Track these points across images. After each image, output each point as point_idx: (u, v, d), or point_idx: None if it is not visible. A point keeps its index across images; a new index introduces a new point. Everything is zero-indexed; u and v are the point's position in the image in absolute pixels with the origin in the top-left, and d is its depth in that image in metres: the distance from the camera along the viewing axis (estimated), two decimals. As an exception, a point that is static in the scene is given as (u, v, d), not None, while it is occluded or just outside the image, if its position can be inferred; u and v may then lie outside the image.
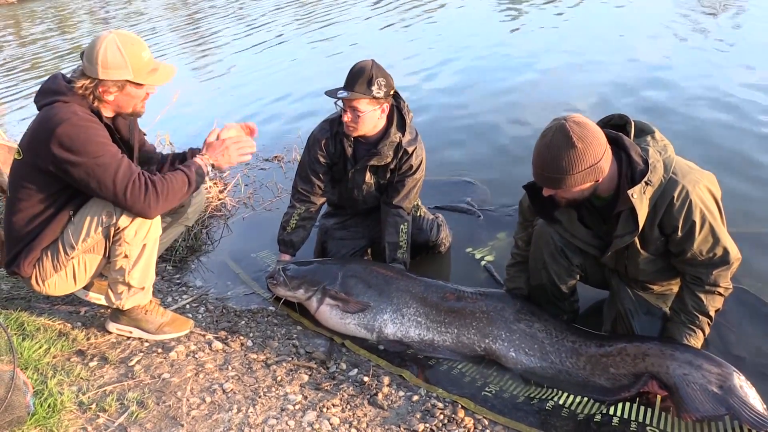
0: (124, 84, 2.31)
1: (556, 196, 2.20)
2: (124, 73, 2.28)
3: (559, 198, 2.22)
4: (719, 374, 2.13)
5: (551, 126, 2.07)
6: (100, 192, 2.27)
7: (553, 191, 2.16)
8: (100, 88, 2.30)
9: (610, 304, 2.56)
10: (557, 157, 2.04)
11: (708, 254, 2.16)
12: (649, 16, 7.94)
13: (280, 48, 9.26)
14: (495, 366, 2.51)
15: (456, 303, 2.66)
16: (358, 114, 2.81)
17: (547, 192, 2.18)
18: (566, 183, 2.08)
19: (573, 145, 2.01)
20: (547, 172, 2.09)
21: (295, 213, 3.14)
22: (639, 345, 2.29)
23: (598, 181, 2.11)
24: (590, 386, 2.32)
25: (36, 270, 2.42)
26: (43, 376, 2.31)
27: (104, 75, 2.27)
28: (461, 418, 2.20)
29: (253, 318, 2.92)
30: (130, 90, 2.33)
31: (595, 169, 2.06)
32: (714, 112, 4.74)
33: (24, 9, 19.18)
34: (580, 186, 2.10)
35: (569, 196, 2.17)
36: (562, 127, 2.03)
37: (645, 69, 5.87)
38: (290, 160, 4.77)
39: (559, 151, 2.03)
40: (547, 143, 2.06)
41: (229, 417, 2.20)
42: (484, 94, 5.82)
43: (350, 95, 2.76)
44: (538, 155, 2.10)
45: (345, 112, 2.84)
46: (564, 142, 2.02)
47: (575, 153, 2.01)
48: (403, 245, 3.08)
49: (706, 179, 2.15)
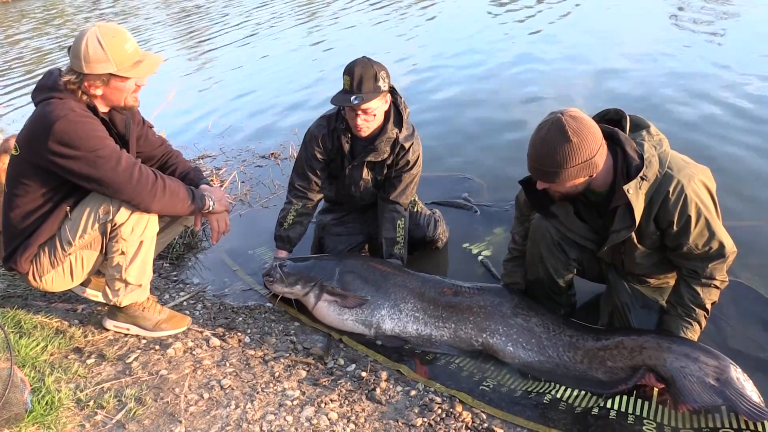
0: (108, 78, 2.28)
1: (550, 189, 2.20)
2: (107, 66, 2.26)
3: (552, 192, 2.22)
4: (716, 366, 2.13)
5: (547, 119, 2.07)
6: (104, 182, 2.25)
7: (547, 185, 2.16)
8: (85, 83, 2.28)
9: (607, 297, 2.56)
10: (552, 151, 2.04)
11: (704, 248, 2.16)
12: (647, 11, 7.96)
13: (275, 44, 9.24)
14: (493, 360, 2.51)
15: (453, 298, 2.66)
16: (373, 114, 2.80)
17: (541, 185, 2.18)
18: (560, 177, 2.08)
19: (568, 139, 2.01)
20: (541, 165, 2.09)
21: (292, 209, 3.13)
22: (636, 338, 2.29)
23: (592, 176, 2.12)
24: (588, 380, 2.32)
25: (33, 266, 2.42)
26: (41, 373, 2.31)
27: (88, 69, 2.25)
28: (459, 412, 2.20)
29: (250, 314, 2.92)
30: (116, 84, 2.31)
31: (590, 164, 2.06)
32: (710, 106, 4.76)
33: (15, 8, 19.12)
34: (574, 180, 2.10)
35: (563, 190, 2.17)
36: (558, 121, 2.03)
37: (647, 65, 5.89)
38: (287, 156, 4.77)
39: (555, 144, 2.03)
40: (542, 137, 2.07)
41: (227, 413, 2.20)
42: (481, 90, 5.83)
43: (365, 99, 2.71)
44: (533, 148, 2.10)
45: (356, 116, 2.79)
46: (559, 136, 2.02)
47: (570, 147, 2.01)
48: (400, 241, 3.08)
49: (701, 173, 2.15)
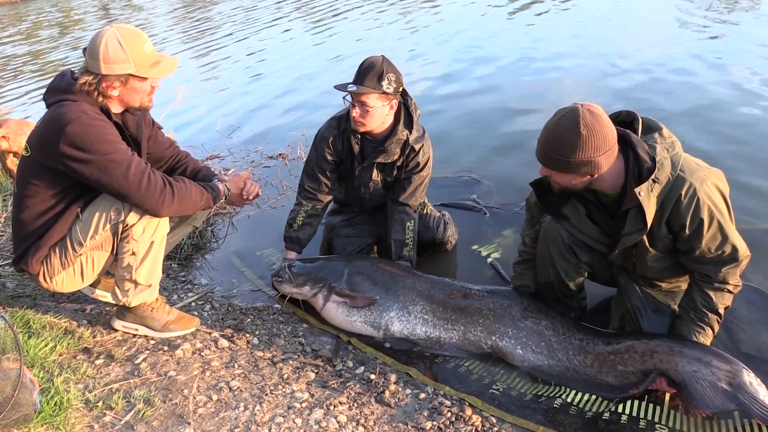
0: (127, 78, 2.30)
1: (551, 179, 2.21)
2: (127, 67, 2.27)
3: (553, 183, 2.23)
4: (728, 371, 2.11)
5: (566, 107, 2.07)
6: (114, 187, 2.27)
7: (548, 172, 2.17)
8: (103, 84, 2.29)
9: (618, 301, 2.54)
10: (559, 138, 2.04)
11: (716, 252, 2.14)
12: (661, 9, 7.93)
13: (285, 44, 9.26)
14: (502, 364, 2.50)
15: (462, 300, 2.64)
16: (367, 109, 2.79)
17: (543, 171, 2.18)
18: (560, 166, 2.08)
19: (578, 131, 2.00)
20: (546, 149, 2.10)
21: (302, 210, 3.13)
22: (647, 342, 2.27)
23: (593, 176, 2.11)
24: (598, 384, 2.31)
25: (44, 267, 2.42)
26: (50, 374, 2.31)
27: (107, 70, 2.26)
28: (469, 416, 2.19)
29: (258, 316, 2.92)
30: (134, 84, 2.32)
31: (592, 162, 2.04)
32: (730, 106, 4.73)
33: (29, 6, 19.22)
34: (572, 174, 2.10)
35: (561, 181, 2.17)
36: (574, 110, 2.03)
37: (662, 65, 5.86)
38: (295, 157, 4.77)
39: (563, 132, 2.03)
40: (555, 122, 2.07)
41: (236, 415, 2.20)
42: (492, 91, 5.82)
43: (360, 89, 2.74)
44: (544, 131, 2.11)
45: (354, 107, 2.82)
46: (571, 126, 2.02)
47: (577, 139, 2.01)
48: (409, 243, 3.07)
49: (714, 176, 2.13)
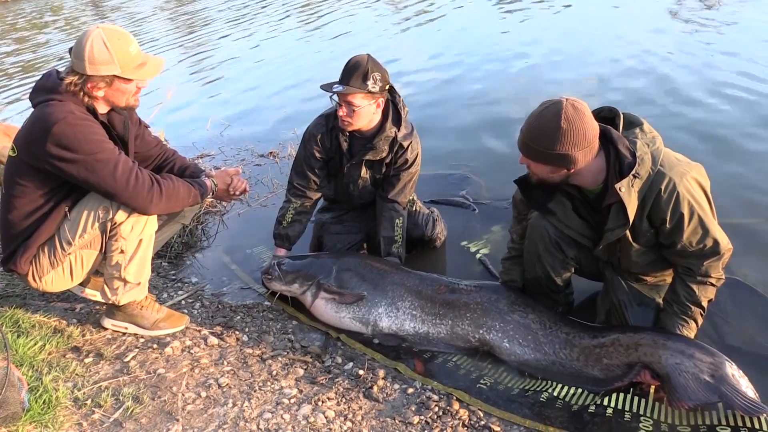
0: (112, 79, 2.30)
1: (529, 168, 2.25)
2: (112, 68, 2.27)
3: (531, 173, 2.27)
4: (711, 363, 2.13)
5: (552, 100, 2.10)
6: (101, 186, 2.27)
7: (526, 161, 2.20)
8: (88, 84, 2.29)
9: (604, 295, 2.56)
10: (540, 128, 2.08)
11: (698, 245, 2.16)
12: (649, 8, 7.96)
13: (274, 42, 9.24)
14: (490, 358, 2.52)
15: (450, 295, 2.66)
16: (353, 108, 2.80)
17: (522, 160, 2.22)
18: (538, 156, 2.12)
19: (559, 125, 2.03)
20: (526, 138, 2.14)
21: (291, 207, 3.14)
22: (632, 335, 2.30)
23: (570, 171, 2.13)
24: (584, 377, 2.33)
25: (33, 267, 2.42)
26: (38, 372, 2.32)
27: (92, 71, 2.26)
28: (456, 410, 2.21)
29: (248, 313, 2.93)
30: (118, 85, 2.33)
31: (568, 157, 2.07)
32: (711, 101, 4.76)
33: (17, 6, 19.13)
34: (549, 166, 2.14)
35: (538, 172, 2.21)
36: (558, 103, 2.06)
37: (652, 63, 5.89)
38: (285, 155, 4.77)
39: (545, 123, 2.06)
40: (538, 113, 2.10)
41: (224, 411, 2.21)
42: (480, 87, 5.83)
43: (345, 89, 2.75)
44: (528, 121, 2.15)
45: (340, 106, 2.83)
46: (552, 117, 2.05)
47: (557, 132, 2.04)
48: (398, 240, 3.09)
49: (694, 171, 2.15)
